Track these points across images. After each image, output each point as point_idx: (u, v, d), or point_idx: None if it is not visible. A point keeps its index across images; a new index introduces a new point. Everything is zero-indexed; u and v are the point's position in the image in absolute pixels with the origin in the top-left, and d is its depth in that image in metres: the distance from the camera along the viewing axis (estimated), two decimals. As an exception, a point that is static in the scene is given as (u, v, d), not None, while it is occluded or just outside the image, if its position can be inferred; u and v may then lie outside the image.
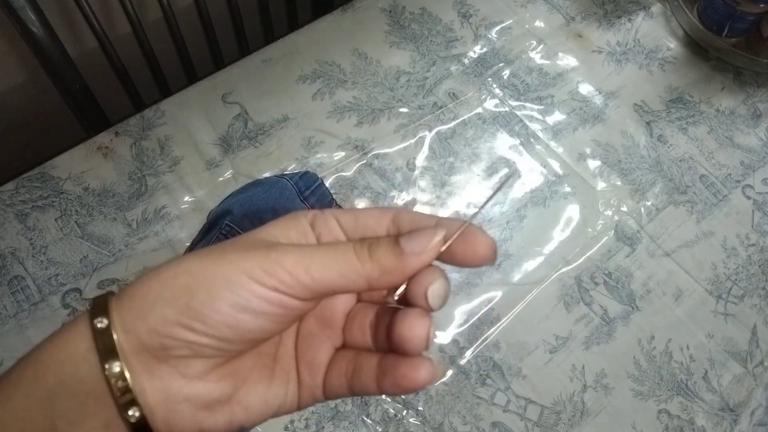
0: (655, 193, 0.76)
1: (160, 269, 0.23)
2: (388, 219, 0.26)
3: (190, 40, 0.82)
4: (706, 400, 0.64)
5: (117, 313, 0.22)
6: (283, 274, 0.22)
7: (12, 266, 0.64)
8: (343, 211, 0.26)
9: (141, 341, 0.21)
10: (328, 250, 0.24)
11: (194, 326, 0.21)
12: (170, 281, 0.22)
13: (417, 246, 0.23)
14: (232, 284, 0.22)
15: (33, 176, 0.69)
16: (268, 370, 0.25)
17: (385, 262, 0.23)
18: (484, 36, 0.85)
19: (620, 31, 0.88)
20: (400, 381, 0.24)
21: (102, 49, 0.75)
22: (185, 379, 0.22)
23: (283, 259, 0.22)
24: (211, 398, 0.23)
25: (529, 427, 0.61)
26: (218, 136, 0.74)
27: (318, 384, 0.26)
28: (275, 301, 0.22)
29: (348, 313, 0.27)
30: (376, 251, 0.23)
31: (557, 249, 0.71)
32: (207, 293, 0.21)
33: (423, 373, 0.23)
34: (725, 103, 0.83)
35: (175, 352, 0.22)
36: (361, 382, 0.25)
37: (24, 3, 0.63)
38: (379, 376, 0.24)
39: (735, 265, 0.72)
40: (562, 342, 0.66)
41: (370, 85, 0.79)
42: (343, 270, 0.23)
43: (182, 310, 0.21)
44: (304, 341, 0.27)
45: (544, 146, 0.77)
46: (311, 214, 0.26)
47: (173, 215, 0.69)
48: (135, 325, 0.22)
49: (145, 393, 0.21)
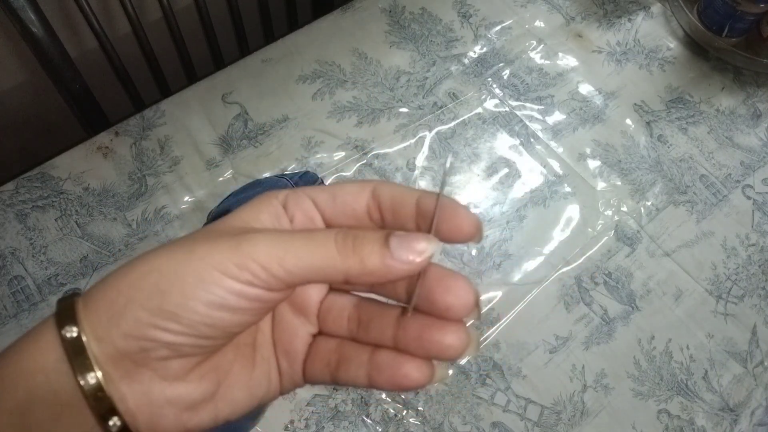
0: (655, 193, 0.76)
1: (126, 269, 0.21)
2: (367, 194, 0.24)
3: (190, 40, 0.82)
4: (706, 400, 0.64)
5: (86, 320, 0.21)
6: (256, 267, 0.21)
7: (12, 266, 0.64)
8: (320, 189, 0.24)
9: (116, 347, 0.20)
10: (304, 240, 0.22)
11: (170, 327, 0.20)
12: (139, 282, 0.21)
13: (408, 254, 0.21)
14: (205, 282, 0.20)
15: (33, 176, 0.69)
16: (249, 360, 0.25)
17: (369, 261, 0.22)
18: (484, 36, 0.85)
19: (620, 31, 0.88)
20: (400, 380, 0.23)
21: (102, 49, 0.75)
22: (166, 381, 0.21)
23: (255, 251, 0.21)
24: (194, 399, 0.22)
25: (529, 427, 0.61)
26: (218, 136, 0.74)
27: (297, 371, 0.25)
28: (250, 296, 0.21)
29: (322, 300, 0.26)
30: (362, 248, 0.22)
31: (557, 249, 0.71)
32: (179, 293, 0.20)
33: (425, 376, 0.23)
34: (725, 103, 0.83)
35: (154, 353, 0.21)
36: (348, 375, 0.24)
37: (24, 3, 0.63)
38: (373, 372, 0.23)
39: (735, 265, 0.72)
40: (562, 342, 0.66)
41: (370, 85, 0.79)
42: (320, 263, 0.21)
43: (156, 311, 0.20)
44: (279, 328, 0.26)
45: (544, 146, 0.77)
46: (283, 193, 0.24)
47: (173, 215, 0.69)
48: (108, 331, 0.20)
49: (125, 399, 0.21)
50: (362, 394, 0.61)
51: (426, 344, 0.22)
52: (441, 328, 0.22)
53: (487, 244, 0.70)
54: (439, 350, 0.22)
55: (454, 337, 0.22)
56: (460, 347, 0.22)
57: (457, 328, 0.22)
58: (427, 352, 0.22)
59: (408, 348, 0.23)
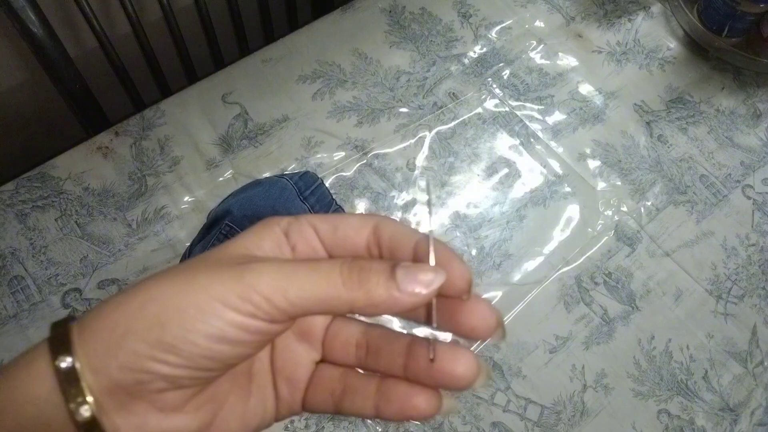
0: (655, 193, 0.76)
1: (124, 297, 0.21)
2: (368, 229, 0.24)
3: (190, 40, 0.82)
4: (706, 400, 0.64)
5: (82, 350, 0.20)
6: (259, 299, 0.20)
7: (12, 266, 0.64)
8: (321, 218, 0.24)
9: (112, 379, 0.20)
10: (308, 271, 0.21)
11: (168, 359, 0.20)
12: (138, 312, 0.20)
13: (415, 286, 0.21)
14: (206, 314, 0.20)
15: (33, 176, 0.69)
16: (245, 390, 0.24)
17: (376, 293, 0.21)
18: (484, 36, 0.85)
19: (620, 31, 0.88)
20: (410, 412, 0.23)
21: (102, 49, 0.75)
22: (162, 413, 0.21)
23: (258, 283, 0.20)
24: (189, 431, 0.22)
25: (529, 427, 0.61)
26: (218, 136, 0.74)
27: (297, 400, 0.25)
28: (252, 329, 0.21)
29: (327, 327, 0.26)
30: (368, 280, 0.21)
31: (557, 249, 0.71)
32: (179, 325, 0.20)
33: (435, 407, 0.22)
34: (725, 103, 0.83)
35: (151, 386, 0.20)
36: (354, 405, 0.24)
37: (24, 3, 0.63)
38: (381, 403, 0.23)
39: (735, 265, 0.72)
40: (562, 342, 0.66)
41: (370, 85, 0.79)
42: (325, 295, 0.21)
43: (154, 343, 0.20)
44: (281, 355, 0.25)
45: (544, 146, 0.77)
46: (285, 221, 0.24)
47: (173, 215, 0.69)
48: (104, 362, 0.20)
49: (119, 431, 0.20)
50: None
51: (437, 374, 0.22)
52: (452, 359, 0.22)
53: (487, 244, 0.70)
54: (450, 380, 0.22)
55: (465, 367, 0.22)
56: (471, 377, 0.22)
57: (468, 358, 0.22)
58: (438, 383, 0.22)
59: (418, 378, 0.23)
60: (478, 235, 0.71)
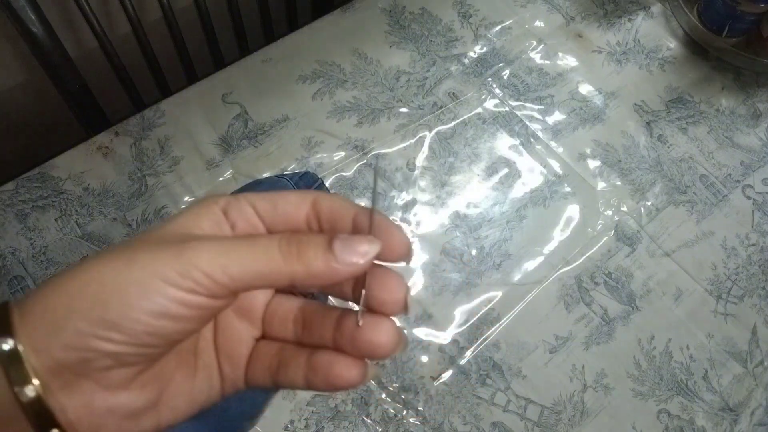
0: (655, 193, 0.76)
1: (64, 278, 0.21)
2: (307, 205, 0.25)
3: (190, 40, 0.82)
4: (706, 400, 0.64)
5: (23, 331, 0.20)
6: (199, 275, 0.21)
7: (12, 266, 0.64)
8: (260, 196, 0.25)
9: (55, 359, 0.20)
10: (247, 246, 0.22)
11: (112, 337, 0.20)
12: (79, 292, 0.20)
13: (352, 257, 0.22)
14: (147, 291, 0.20)
15: (33, 176, 0.69)
16: (191, 367, 0.25)
17: (314, 265, 0.22)
18: (484, 36, 0.85)
19: (620, 31, 0.88)
20: (333, 380, 0.23)
21: (102, 49, 0.75)
22: (108, 390, 0.21)
23: (198, 259, 0.21)
24: (136, 407, 0.22)
25: (529, 427, 0.61)
26: (218, 136, 0.74)
27: (239, 376, 0.26)
28: (193, 304, 0.21)
29: (267, 304, 0.26)
30: (306, 252, 0.22)
31: (557, 249, 0.71)
32: (121, 303, 0.20)
33: (357, 374, 0.23)
34: (725, 103, 0.83)
35: (95, 363, 0.20)
36: (287, 377, 0.25)
37: (24, 3, 0.63)
38: (309, 373, 0.24)
39: (735, 265, 0.72)
40: (562, 342, 0.66)
41: (370, 85, 0.79)
42: (264, 268, 0.22)
43: (97, 322, 0.20)
44: (223, 333, 0.26)
45: (544, 146, 0.77)
46: (223, 200, 0.24)
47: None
48: (47, 343, 0.20)
49: (65, 411, 0.20)
50: (362, 394, 0.61)
51: (359, 344, 0.23)
52: (375, 328, 0.23)
53: (487, 244, 0.70)
54: (371, 349, 0.23)
55: (387, 336, 0.23)
56: (392, 346, 0.23)
57: (388, 327, 0.23)
58: (361, 352, 0.23)
59: (344, 348, 0.24)
60: (478, 235, 0.71)
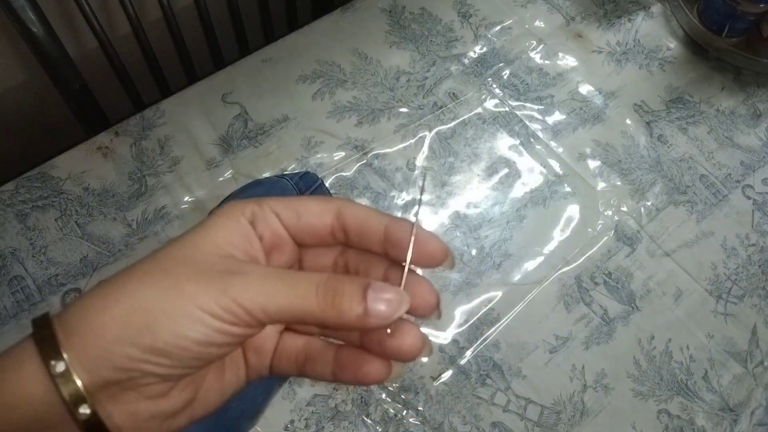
0: (655, 193, 0.76)
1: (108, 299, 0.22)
2: (330, 216, 0.26)
3: (190, 40, 0.82)
4: (706, 400, 0.64)
5: (72, 354, 0.21)
6: (240, 311, 0.22)
7: (12, 266, 0.64)
8: (283, 205, 0.26)
9: (104, 378, 0.21)
10: (287, 288, 0.23)
11: (161, 362, 0.22)
12: (127, 318, 0.22)
13: (384, 312, 0.23)
14: (195, 322, 0.22)
15: (33, 176, 0.69)
16: (220, 367, 0.26)
17: (347, 315, 0.23)
18: (484, 36, 0.85)
19: (620, 31, 0.88)
20: (362, 378, 0.25)
21: (102, 49, 0.75)
22: (150, 400, 0.23)
23: (241, 298, 0.22)
24: (176, 410, 0.24)
25: (529, 427, 0.61)
26: (218, 136, 0.74)
27: (265, 365, 0.27)
28: (233, 333, 0.23)
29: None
30: (341, 301, 0.23)
31: (557, 249, 0.71)
32: (170, 333, 0.22)
33: (385, 373, 0.25)
34: (725, 103, 0.83)
35: (142, 380, 0.22)
36: (315, 371, 0.27)
37: (24, 3, 0.63)
38: (338, 368, 0.26)
39: (735, 265, 0.72)
40: (562, 342, 0.66)
41: (370, 85, 0.79)
42: (298, 311, 0.23)
43: (147, 349, 0.21)
44: None
45: (544, 146, 0.77)
46: (249, 210, 0.25)
47: (173, 215, 0.69)
48: (97, 365, 0.21)
49: (112, 417, 0.22)
50: (362, 394, 0.61)
51: (387, 348, 0.25)
52: (402, 334, 0.24)
53: (487, 244, 0.70)
54: (398, 352, 0.25)
55: (412, 341, 0.24)
56: (417, 351, 0.25)
57: (415, 334, 0.25)
58: (388, 354, 0.25)
59: (371, 348, 0.25)
60: (478, 235, 0.71)
